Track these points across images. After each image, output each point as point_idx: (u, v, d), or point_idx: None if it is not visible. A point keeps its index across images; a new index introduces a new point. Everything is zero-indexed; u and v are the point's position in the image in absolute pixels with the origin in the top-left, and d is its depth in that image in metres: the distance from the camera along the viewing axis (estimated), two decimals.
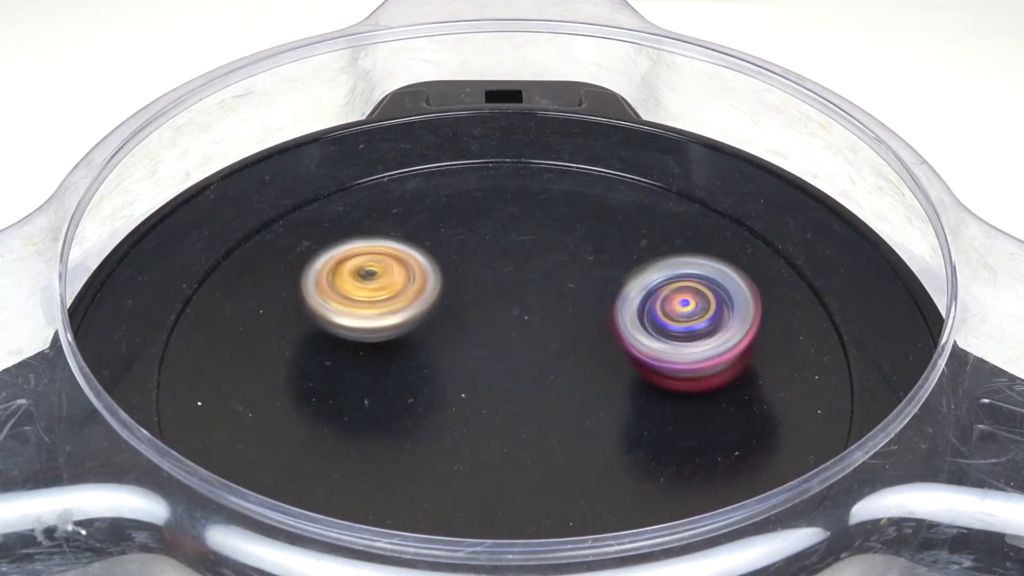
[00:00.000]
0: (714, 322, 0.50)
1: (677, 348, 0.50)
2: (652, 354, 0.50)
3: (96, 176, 0.56)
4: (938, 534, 0.47)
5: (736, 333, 0.50)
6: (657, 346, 0.50)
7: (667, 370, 0.50)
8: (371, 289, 0.52)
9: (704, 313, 0.50)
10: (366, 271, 0.53)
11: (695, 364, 0.50)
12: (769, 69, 0.62)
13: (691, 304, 0.51)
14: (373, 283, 0.52)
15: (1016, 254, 0.55)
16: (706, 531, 0.45)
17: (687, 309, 0.50)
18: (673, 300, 0.51)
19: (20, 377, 0.50)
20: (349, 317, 0.52)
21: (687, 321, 0.50)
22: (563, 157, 0.62)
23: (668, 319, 0.50)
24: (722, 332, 0.50)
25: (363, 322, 0.52)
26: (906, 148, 0.58)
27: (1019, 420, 0.50)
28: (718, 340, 0.50)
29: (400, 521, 0.46)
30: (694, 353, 0.50)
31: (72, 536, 0.46)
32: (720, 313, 0.50)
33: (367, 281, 0.52)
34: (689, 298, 0.51)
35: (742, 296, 0.51)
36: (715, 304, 0.51)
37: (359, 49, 0.65)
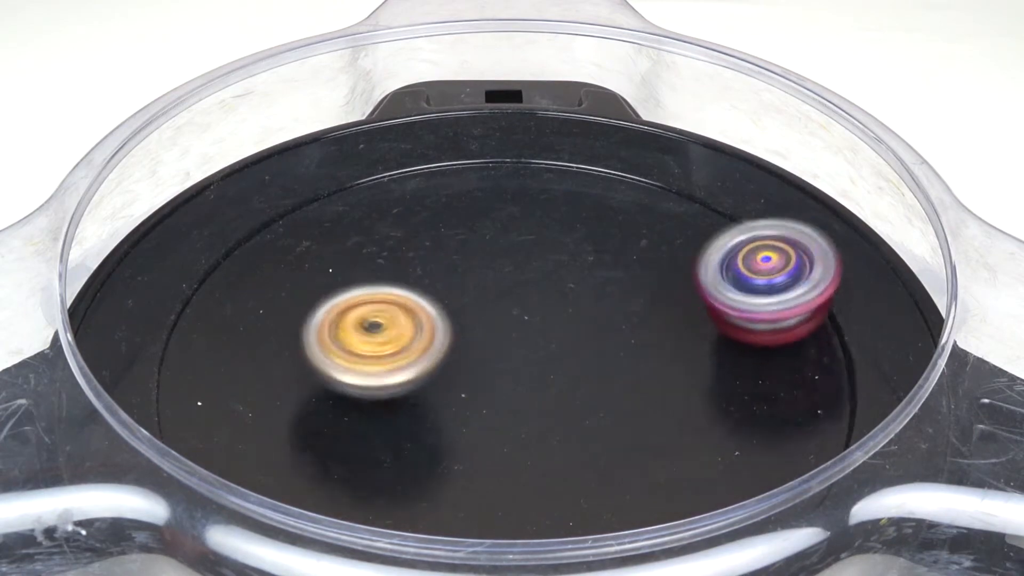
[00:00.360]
0: (794, 275, 0.52)
1: (759, 300, 0.52)
2: (735, 306, 0.52)
3: (96, 176, 0.56)
4: (938, 534, 0.47)
5: (817, 286, 0.52)
6: (740, 298, 0.52)
7: (750, 320, 0.52)
8: (377, 343, 0.50)
9: (785, 267, 0.52)
10: (371, 323, 0.50)
11: (776, 314, 0.51)
12: (769, 69, 0.62)
13: (773, 259, 0.52)
14: (379, 336, 0.50)
15: (1016, 254, 0.55)
16: (706, 531, 0.45)
17: (768, 265, 0.52)
18: (755, 256, 0.52)
19: (20, 377, 0.50)
20: (354, 375, 0.49)
21: (768, 275, 0.52)
22: (563, 157, 0.62)
23: (751, 273, 0.52)
24: (803, 283, 0.52)
25: (369, 380, 0.49)
26: (906, 148, 0.58)
27: (1019, 420, 0.50)
28: (799, 291, 0.52)
29: (400, 521, 0.46)
30: (774, 303, 0.52)
31: (72, 536, 0.46)
32: (800, 267, 0.52)
33: (372, 334, 0.50)
34: (770, 254, 0.52)
35: (821, 252, 0.52)
36: (795, 259, 0.52)
37: (359, 49, 0.65)
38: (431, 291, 0.56)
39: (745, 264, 0.52)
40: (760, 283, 0.52)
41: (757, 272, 0.52)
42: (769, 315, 0.52)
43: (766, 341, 0.53)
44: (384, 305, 0.51)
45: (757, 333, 0.52)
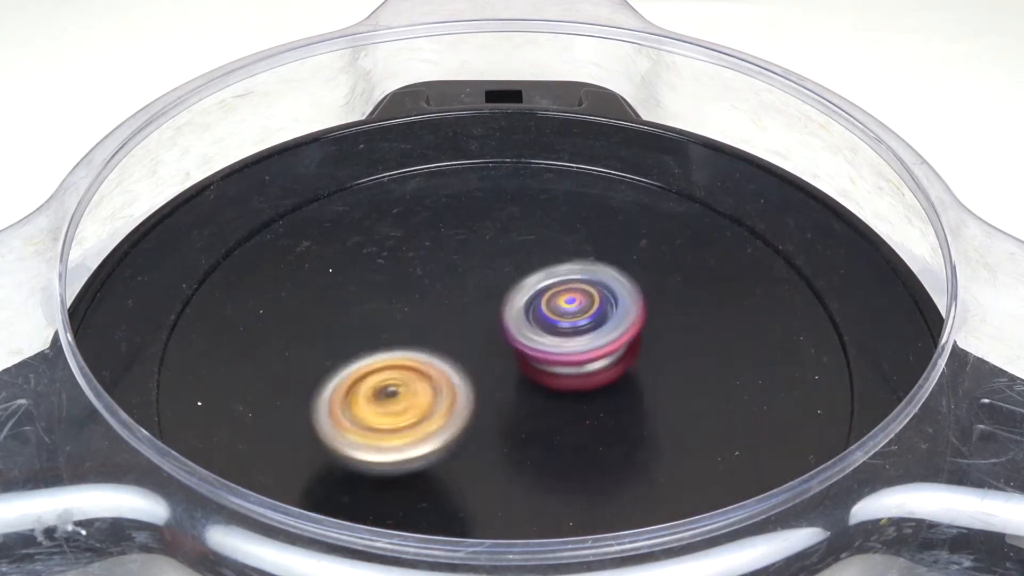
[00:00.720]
0: (597, 318, 0.51)
1: (561, 342, 0.50)
2: (537, 347, 0.50)
3: (96, 176, 0.56)
4: (938, 534, 0.47)
5: (618, 327, 0.50)
6: (542, 340, 0.50)
7: (549, 362, 0.50)
8: (394, 414, 0.47)
9: (588, 310, 0.51)
10: (387, 391, 0.47)
11: (576, 356, 0.50)
12: (769, 69, 0.62)
13: (577, 300, 0.51)
14: (395, 405, 0.47)
15: (1016, 254, 0.55)
16: (706, 531, 0.45)
17: (572, 307, 0.51)
18: (559, 298, 0.51)
19: (20, 377, 0.50)
20: (371, 451, 0.46)
21: (572, 317, 0.51)
22: (563, 157, 0.62)
23: (554, 315, 0.51)
24: (606, 326, 0.50)
25: (389, 456, 0.46)
26: (906, 148, 0.58)
27: (1019, 420, 0.50)
28: (602, 333, 0.50)
29: (400, 521, 0.46)
30: (575, 345, 0.50)
31: (72, 536, 0.46)
32: (603, 310, 0.51)
33: (388, 403, 0.47)
34: (575, 295, 0.51)
35: (626, 294, 0.51)
36: (599, 302, 0.51)
37: (359, 49, 0.65)
38: (431, 291, 0.56)
39: (549, 306, 0.51)
40: (564, 325, 0.50)
41: (561, 314, 0.51)
42: (571, 357, 0.50)
43: (570, 385, 0.51)
44: (399, 371, 0.48)
45: (560, 377, 0.51)
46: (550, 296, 0.51)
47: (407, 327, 0.55)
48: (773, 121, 0.63)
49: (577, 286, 0.51)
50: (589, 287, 0.51)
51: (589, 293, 0.51)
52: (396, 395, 0.47)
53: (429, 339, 0.54)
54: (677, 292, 0.56)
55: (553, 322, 0.51)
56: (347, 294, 0.56)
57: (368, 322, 0.55)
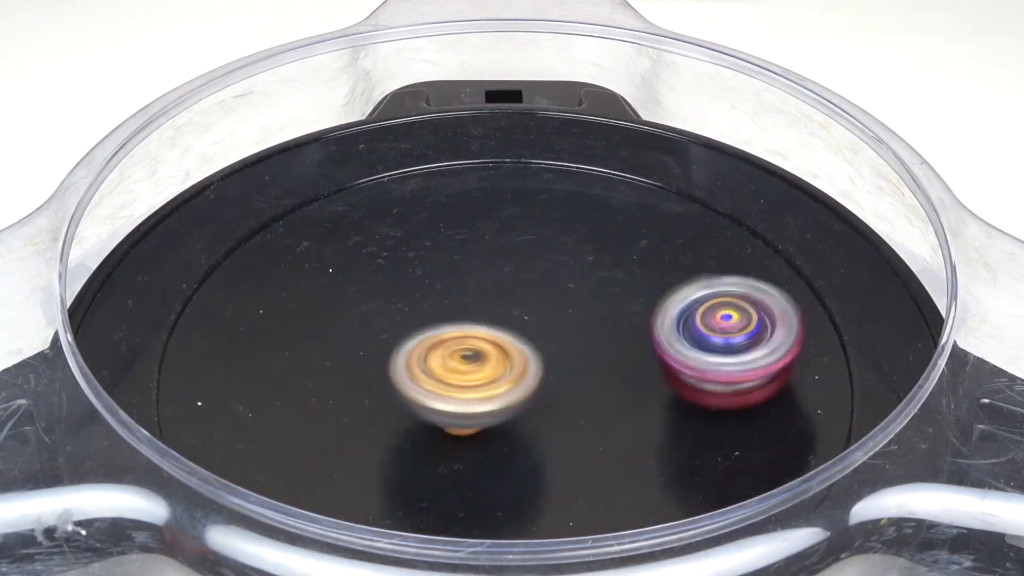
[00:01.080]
0: (754, 337, 0.49)
1: (716, 359, 0.49)
2: (690, 364, 0.49)
3: (96, 176, 0.56)
4: (938, 534, 0.47)
5: (778, 349, 0.49)
6: (695, 356, 0.49)
7: (703, 380, 0.49)
8: (466, 373, 0.49)
9: (745, 327, 0.50)
10: (464, 354, 0.49)
11: (732, 375, 0.49)
12: (769, 69, 0.62)
13: (733, 318, 0.50)
14: (471, 367, 0.49)
15: (1016, 254, 0.55)
16: (706, 531, 0.45)
17: (728, 324, 0.50)
18: (715, 313, 0.50)
19: (20, 377, 0.50)
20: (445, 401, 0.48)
21: (727, 334, 0.49)
22: (563, 157, 0.62)
23: (708, 331, 0.50)
24: (763, 346, 0.49)
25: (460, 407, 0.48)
26: (906, 148, 0.58)
27: (1019, 420, 0.50)
28: (758, 353, 0.49)
29: (400, 521, 0.46)
30: (731, 364, 0.49)
31: (72, 536, 0.46)
32: (761, 329, 0.50)
33: (465, 365, 0.49)
34: (731, 312, 0.50)
35: (783, 313, 0.50)
36: (756, 320, 0.50)
37: (359, 49, 0.65)
38: (431, 291, 0.56)
39: (704, 321, 0.50)
40: (718, 342, 0.49)
41: (715, 330, 0.50)
42: (724, 376, 0.49)
43: (720, 404, 0.50)
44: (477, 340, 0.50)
45: (711, 394, 0.50)
46: (706, 310, 0.50)
47: (407, 327, 0.54)
48: (773, 121, 0.63)
49: (734, 301, 0.50)
50: (746, 303, 0.50)
51: (746, 310, 0.50)
52: (471, 359, 0.49)
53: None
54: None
55: (706, 337, 0.49)
56: (347, 294, 0.56)
57: (368, 322, 0.55)
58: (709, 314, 0.50)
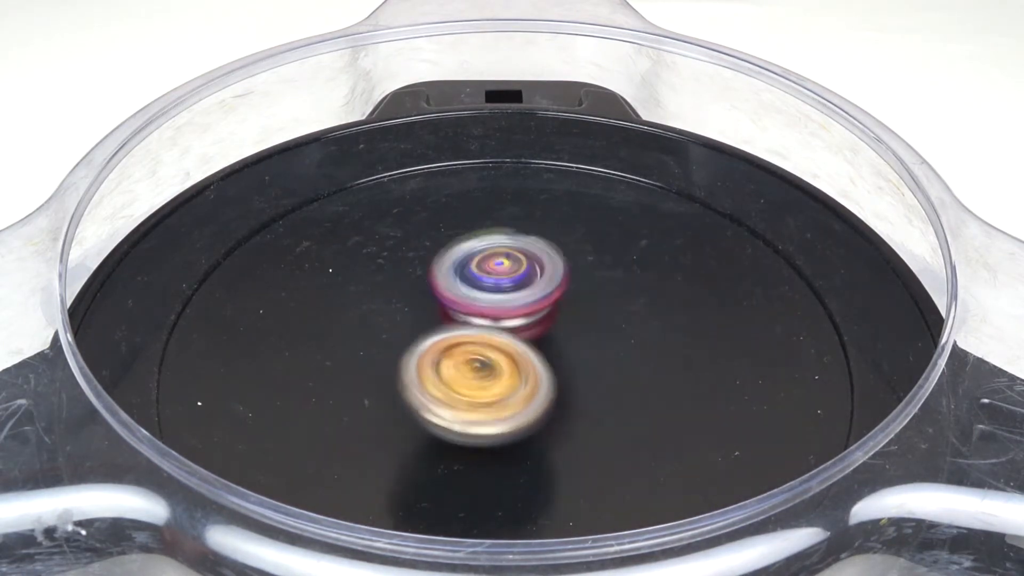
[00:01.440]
0: (520, 281, 0.52)
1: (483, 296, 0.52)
2: (459, 299, 0.52)
3: (96, 176, 0.56)
4: (938, 534, 0.47)
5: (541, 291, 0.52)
6: (466, 292, 0.52)
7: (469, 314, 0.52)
8: (480, 388, 0.48)
9: (514, 272, 0.53)
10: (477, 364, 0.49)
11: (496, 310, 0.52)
12: (769, 69, 0.62)
13: (505, 264, 0.53)
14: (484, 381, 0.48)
15: (1016, 254, 0.55)
16: (706, 531, 0.45)
17: (500, 268, 0.53)
18: (490, 260, 0.53)
19: (20, 377, 0.50)
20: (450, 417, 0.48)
21: (497, 275, 0.53)
22: (563, 157, 0.62)
23: (481, 272, 0.53)
24: (528, 289, 0.52)
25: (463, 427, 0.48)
26: (906, 148, 0.58)
27: (1019, 420, 0.50)
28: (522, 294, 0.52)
29: (400, 521, 0.46)
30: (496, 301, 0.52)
31: (72, 536, 0.46)
32: (528, 275, 0.53)
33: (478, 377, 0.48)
34: (504, 260, 0.53)
35: (552, 264, 0.53)
36: (526, 266, 0.53)
37: (359, 49, 0.65)
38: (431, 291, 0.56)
39: (479, 265, 0.53)
40: (488, 282, 0.52)
41: (488, 272, 0.52)
42: (490, 310, 0.52)
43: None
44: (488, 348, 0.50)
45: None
46: (484, 257, 0.53)
47: (407, 327, 0.55)
48: (773, 121, 0.63)
49: (511, 251, 0.53)
50: (520, 254, 0.53)
51: (519, 259, 0.53)
52: (485, 371, 0.49)
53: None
54: (677, 292, 0.56)
55: (479, 278, 0.52)
56: (347, 294, 0.56)
57: (368, 322, 0.55)
58: (486, 260, 0.53)
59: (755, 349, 0.54)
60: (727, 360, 0.54)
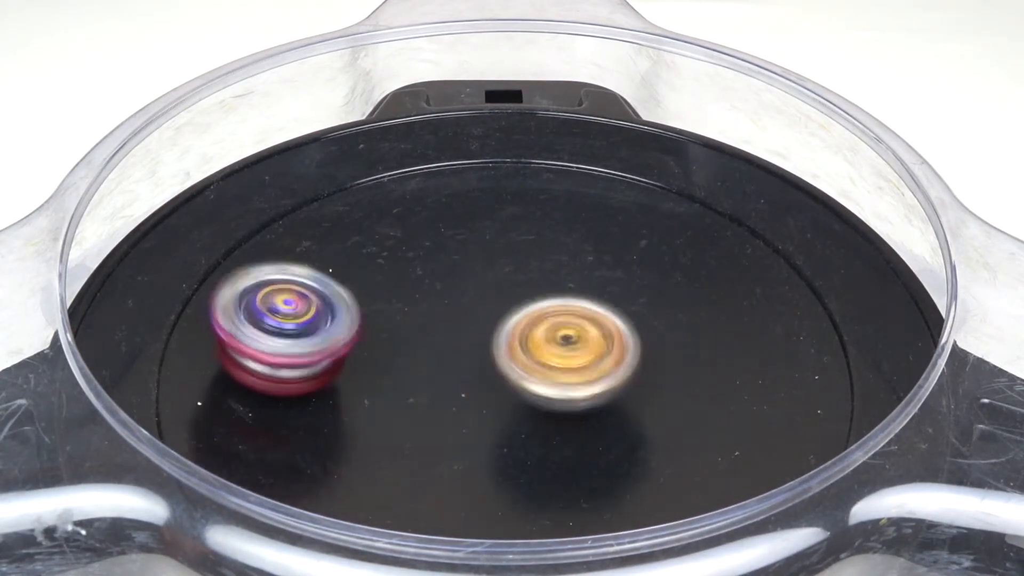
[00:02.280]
0: (306, 328, 0.50)
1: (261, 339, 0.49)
2: (234, 335, 0.49)
3: (96, 176, 0.56)
4: (938, 534, 0.47)
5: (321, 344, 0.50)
6: (244, 331, 0.50)
7: (242, 355, 0.50)
8: (570, 356, 0.50)
9: (303, 316, 0.50)
10: (563, 335, 0.50)
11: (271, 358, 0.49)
12: (769, 69, 0.62)
13: (295, 305, 0.50)
14: (571, 349, 0.50)
15: (1016, 254, 0.55)
16: (706, 531, 0.45)
17: (288, 308, 0.50)
18: (277, 297, 0.50)
19: (20, 377, 0.50)
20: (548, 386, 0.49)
21: (283, 318, 0.50)
22: (563, 157, 0.62)
23: (266, 311, 0.50)
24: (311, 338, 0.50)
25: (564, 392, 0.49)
26: (906, 148, 0.58)
27: (1019, 420, 0.50)
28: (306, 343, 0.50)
29: (400, 521, 0.46)
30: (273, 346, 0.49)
31: (72, 536, 0.46)
32: (316, 321, 0.50)
33: (565, 347, 0.50)
34: (294, 299, 0.50)
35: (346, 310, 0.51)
36: (314, 312, 0.50)
37: (359, 49, 0.65)
38: (431, 291, 0.56)
39: (263, 301, 0.50)
40: (270, 323, 0.50)
41: (272, 312, 0.50)
42: (262, 356, 0.49)
43: (259, 386, 0.50)
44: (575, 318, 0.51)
45: (251, 373, 0.50)
46: (272, 291, 0.50)
47: (407, 327, 0.55)
48: (773, 121, 0.63)
49: (303, 291, 0.51)
50: (312, 295, 0.51)
51: (310, 300, 0.51)
52: (572, 340, 0.50)
53: (429, 338, 0.54)
54: (677, 292, 0.56)
55: (261, 316, 0.50)
56: None
57: (368, 322, 0.55)
58: (273, 296, 0.50)
59: (755, 349, 0.54)
60: (727, 360, 0.54)
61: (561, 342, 0.50)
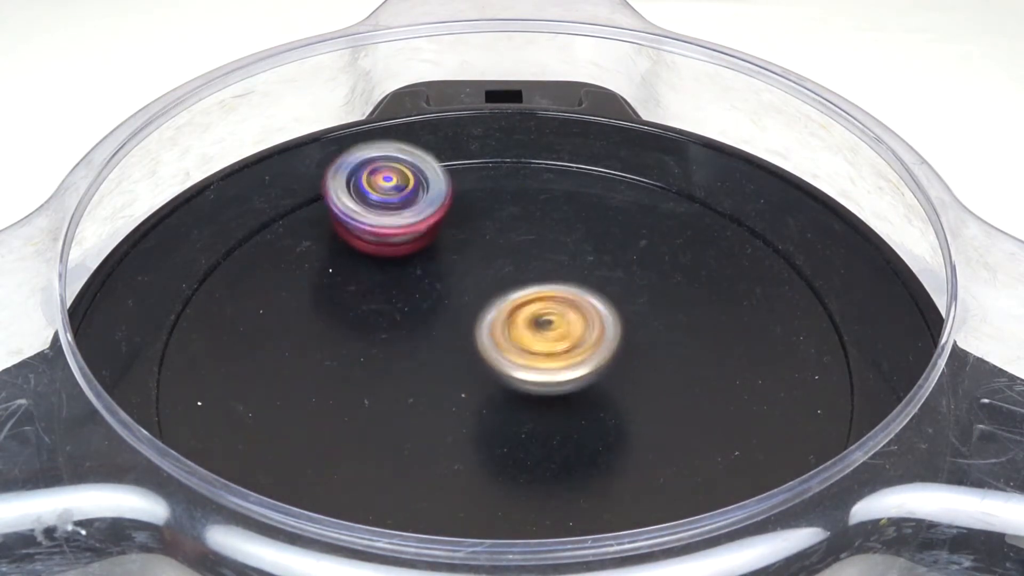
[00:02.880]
0: (407, 199, 0.56)
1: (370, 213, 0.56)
2: (347, 211, 0.56)
3: (96, 176, 0.56)
4: (938, 534, 0.47)
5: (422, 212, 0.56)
6: (353, 206, 0.56)
7: (356, 228, 0.56)
8: (550, 340, 0.50)
9: (402, 190, 0.57)
10: (542, 320, 0.51)
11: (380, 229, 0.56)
12: (769, 69, 0.62)
13: (393, 180, 0.57)
14: (551, 333, 0.51)
15: (1016, 254, 0.55)
16: (706, 531, 0.45)
17: (388, 184, 0.56)
18: (379, 174, 0.57)
19: (20, 377, 0.50)
20: (531, 372, 0.50)
21: (385, 193, 0.56)
22: (563, 157, 0.62)
23: (370, 189, 0.56)
24: (413, 208, 0.56)
25: (546, 376, 0.50)
26: (906, 148, 0.58)
27: (1019, 420, 0.50)
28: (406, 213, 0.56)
29: (400, 521, 0.46)
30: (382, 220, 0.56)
31: (72, 536, 0.46)
32: (415, 192, 0.57)
33: (545, 331, 0.51)
34: (392, 175, 0.57)
35: (437, 182, 0.57)
36: (413, 184, 0.57)
37: (359, 49, 0.65)
38: (431, 291, 0.56)
39: (368, 180, 0.56)
40: (375, 199, 0.56)
41: (376, 189, 0.56)
42: (375, 229, 0.56)
43: (372, 250, 0.57)
44: (553, 302, 0.52)
45: (365, 242, 0.56)
46: (371, 171, 0.57)
47: (407, 327, 0.55)
48: (773, 121, 0.63)
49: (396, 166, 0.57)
50: (407, 169, 0.57)
51: (406, 175, 0.57)
52: (551, 324, 0.51)
53: (429, 338, 0.54)
54: (677, 292, 0.56)
55: (368, 194, 0.56)
56: (347, 294, 0.56)
57: (368, 322, 0.55)
58: (375, 174, 0.57)
59: (755, 349, 0.54)
60: (727, 360, 0.54)
61: (541, 327, 0.51)
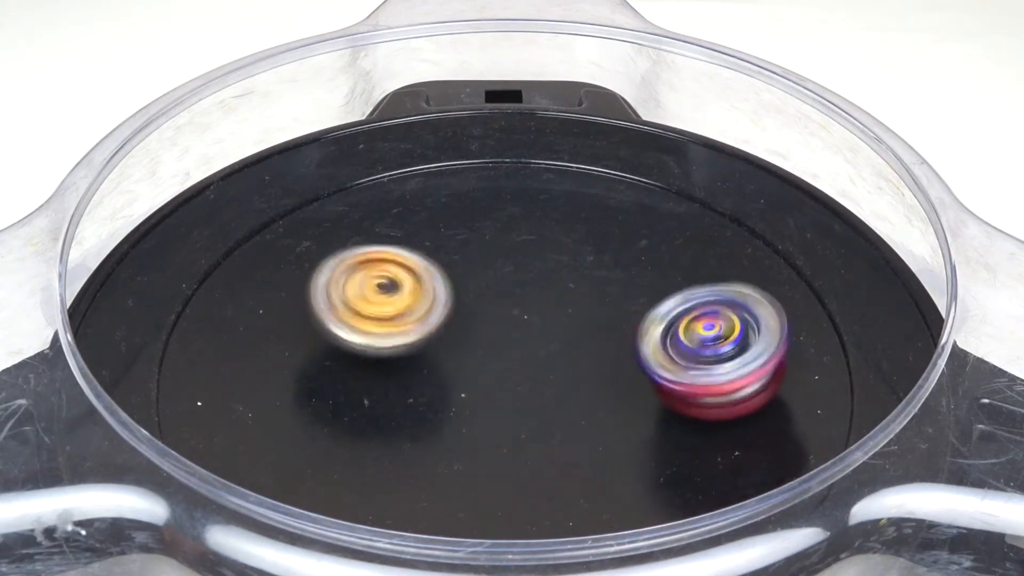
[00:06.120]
0: (740, 343, 0.49)
1: (703, 372, 0.49)
2: (678, 380, 0.49)
3: (96, 176, 0.56)
4: (938, 534, 0.47)
5: (764, 352, 0.49)
6: (683, 372, 0.49)
7: (695, 396, 0.49)
8: (381, 304, 0.51)
9: (730, 335, 0.49)
10: (378, 284, 0.52)
11: (723, 386, 0.49)
12: (769, 69, 0.62)
13: (716, 327, 0.49)
14: (384, 297, 0.52)
15: (1016, 254, 0.55)
16: (706, 531, 0.45)
17: (711, 333, 0.49)
18: (697, 325, 0.50)
19: (20, 377, 0.50)
20: (357, 334, 0.51)
21: (712, 345, 0.49)
22: (563, 157, 0.62)
23: (694, 344, 0.49)
24: (750, 351, 0.49)
25: (372, 340, 0.51)
26: (906, 148, 0.58)
27: (1019, 420, 0.50)
28: (745, 359, 0.49)
29: (400, 521, 0.46)
30: (721, 375, 0.48)
31: (72, 536, 0.46)
32: (746, 333, 0.49)
33: (379, 295, 0.52)
34: (713, 322, 0.50)
35: (767, 314, 0.50)
36: (740, 326, 0.49)
37: (359, 49, 0.65)
38: None
39: (687, 335, 0.49)
40: (706, 354, 0.49)
41: (701, 343, 0.49)
42: (717, 388, 0.49)
43: (718, 416, 0.50)
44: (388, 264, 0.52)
45: (709, 408, 0.50)
46: (688, 323, 0.50)
47: None
48: (773, 121, 0.63)
49: (714, 310, 0.50)
50: (727, 310, 0.50)
51: (728, 316, 0.49)
52: (387, 288, 0.52)
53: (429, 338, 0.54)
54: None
55: (694, 351, 0.49)
56: None
57: None
58: (691, 327, 0.50)
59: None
60: None
61: (377, 290, 0.51)
